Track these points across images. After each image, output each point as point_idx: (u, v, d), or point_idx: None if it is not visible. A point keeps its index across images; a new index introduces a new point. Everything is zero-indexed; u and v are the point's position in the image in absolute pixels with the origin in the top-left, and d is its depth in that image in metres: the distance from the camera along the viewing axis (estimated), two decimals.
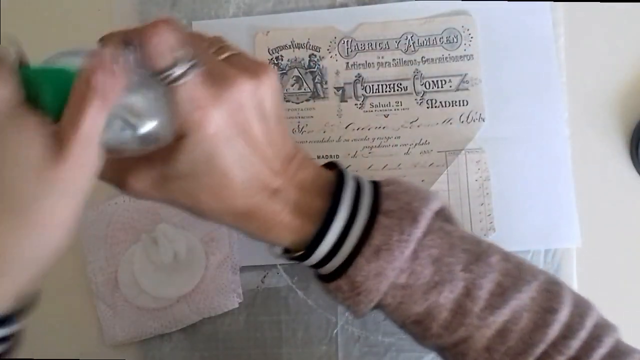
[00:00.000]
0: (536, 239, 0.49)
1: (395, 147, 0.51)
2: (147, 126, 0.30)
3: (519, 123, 0.50)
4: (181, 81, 0.30)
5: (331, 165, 0.39)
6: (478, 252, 0.36)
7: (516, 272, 0.36)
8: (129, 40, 0.30)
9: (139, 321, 0.50)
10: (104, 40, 0.32)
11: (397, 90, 0.51)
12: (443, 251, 0.35)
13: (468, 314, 0.35)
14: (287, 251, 0.38)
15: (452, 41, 0.51)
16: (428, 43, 0.51)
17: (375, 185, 0.37)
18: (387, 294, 0.35)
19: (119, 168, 0.32)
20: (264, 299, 0.51)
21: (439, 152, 0.50)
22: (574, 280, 0.49)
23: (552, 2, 0.50)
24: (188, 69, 0.30)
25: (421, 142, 0.50)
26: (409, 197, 0.36)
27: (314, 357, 0.50)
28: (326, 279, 0.37)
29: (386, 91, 0.51)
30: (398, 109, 0.51)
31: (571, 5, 0.51)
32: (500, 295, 0.35)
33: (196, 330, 0.51)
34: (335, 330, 0.50)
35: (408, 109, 0.51)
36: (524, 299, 0.35)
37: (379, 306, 0.37)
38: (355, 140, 0.51)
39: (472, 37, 0.51)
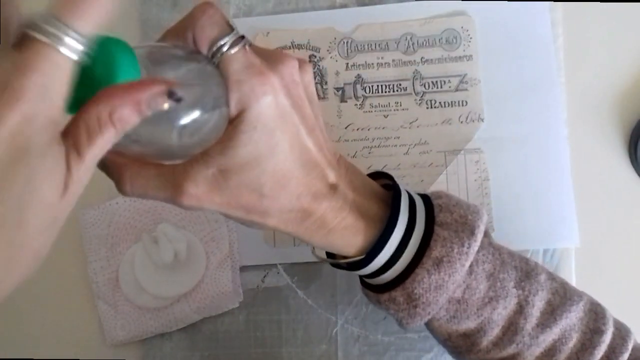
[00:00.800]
0: (535, 238, 0.49)
1: (395, 148, 0.51)
2: (204, 113, 0.28)
3: (518, 123, 0.50)
4: (237, 48, 0.29)
5: (372, 175, 0.38)
6: (527, 269, 0.36)
7: (562, 291, 0.36)
8: (183, 28, 0.29)
9: (139, 320, 0.50)
10: (163, 39, 0.31)
11: (397, 90, 0.51)
12: (496, 267, 0.35)
13: (520, 331, 0.35)
14: (332, 256, 0.37)
15: (451, 42, 0.51)
16: (427, 44, 0.51)
17: (425, 197, 0.37)
18: (442, 307, 0.35)
19: (173, 176, 0.30)
20: (264, 298, 0.51)
21: (438, 152, 0.50)
22: (573, 280, 0.49)
23: (551, 2, 0.51)
24: (240, 37, 0.29)
25: (420, 143, 0.51)
26: (463, 210, 0.35)
27: (314, 357, 0.50)
28: (378, 289, 0.36)
29: (386, 92, 0.51)
30: (397, 110, 0.51)
31: (570, 5, 0.51)
32: (551, 313, 0.35)
33: (196, 330, 0.51)
34: (335, 330, 0.50)
35: (407, 109, 0.51)
36: (572, 318, 0.35)
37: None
38: (354, 140, 0.51)
39: (471, 38, 0.51)
